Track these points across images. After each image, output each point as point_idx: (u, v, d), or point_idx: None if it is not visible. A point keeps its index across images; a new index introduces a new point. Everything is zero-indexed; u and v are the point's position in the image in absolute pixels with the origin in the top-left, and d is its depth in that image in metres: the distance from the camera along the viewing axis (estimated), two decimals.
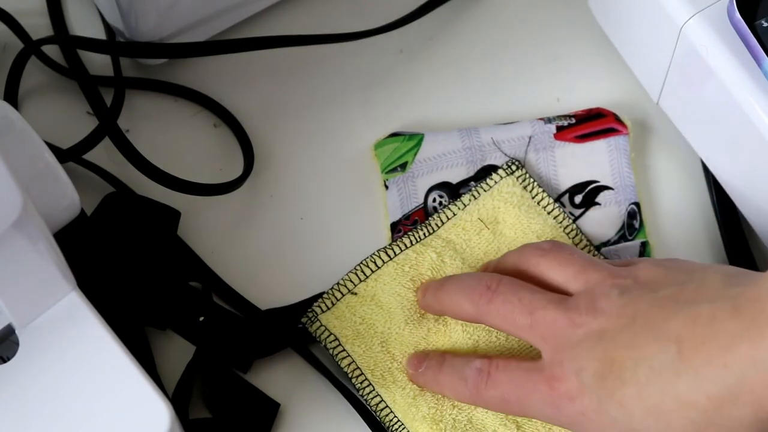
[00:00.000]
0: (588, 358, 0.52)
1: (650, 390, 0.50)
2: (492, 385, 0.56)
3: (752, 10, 0.57)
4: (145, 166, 0.64)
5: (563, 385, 0.53)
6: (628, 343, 0.52)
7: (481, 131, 0.66)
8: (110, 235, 0.62)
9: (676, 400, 0.49)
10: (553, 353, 0.54)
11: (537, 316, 0.55)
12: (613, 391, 0.51)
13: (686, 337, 0.50)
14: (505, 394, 0.55)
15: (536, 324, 0.55)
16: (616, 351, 0.52)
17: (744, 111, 0.58)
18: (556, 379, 0.53)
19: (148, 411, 0.53)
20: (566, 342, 0.53)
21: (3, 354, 0.56)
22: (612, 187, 0.65)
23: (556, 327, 0.54)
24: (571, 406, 0.53)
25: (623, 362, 0.51)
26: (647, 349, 0.51)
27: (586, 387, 0.52)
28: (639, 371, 0.51)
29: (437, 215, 0.64)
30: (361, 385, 0.60)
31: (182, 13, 0.66)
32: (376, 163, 0.66)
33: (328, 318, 0.61)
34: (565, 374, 0.53)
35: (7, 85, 0.66)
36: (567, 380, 0.53)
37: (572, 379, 0.53)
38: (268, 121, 0.68)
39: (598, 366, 0.52)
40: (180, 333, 0.62)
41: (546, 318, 0.54)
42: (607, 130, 0.66)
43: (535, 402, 0.54)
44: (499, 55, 0.70)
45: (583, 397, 0.52)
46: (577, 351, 0.53)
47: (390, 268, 0.62)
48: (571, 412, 0.53)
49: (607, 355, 0.52)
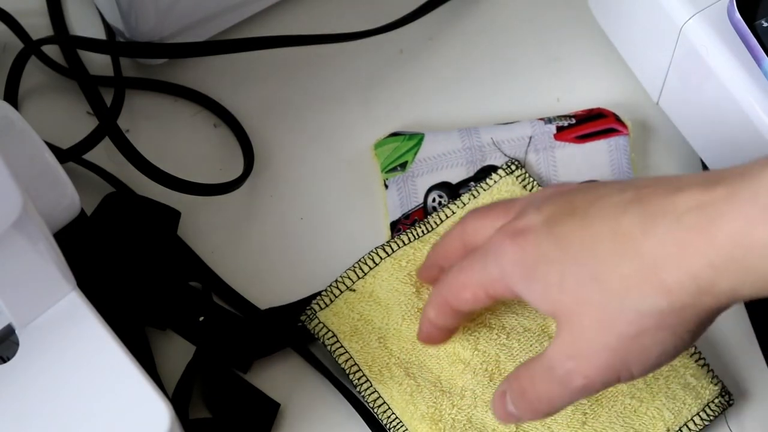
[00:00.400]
0: (550, 201, 0.52)
1: (595, 222, 0.49)
2: (448, 277, 0.55)
3: (752, 10, 0.57)
4: (145, 166, 0.64)
5: (516, 223, 0.52)
6: (591, 192, 0.51)
7: (481, 131, 0.66)
8: (110, 235, 0.62)
9: (613, 233, 0.48)
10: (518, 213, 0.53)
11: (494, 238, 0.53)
12: (558, 222, 0.50)
13: (646, 191, 0.49)
14: (458, 271, 0.55)
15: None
16: (579, 197, 0.51)
17: (744, 111, 0.58)
18: (510, 222, 0.52)
19: (148, 411, 0.53)
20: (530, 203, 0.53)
21: (3, 354, 0.56)
22: None
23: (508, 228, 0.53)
24: (512, 242, 0.51)
25: (580, 203, 0.50)
26: (608, 193, 0.50)
27: (536, 223, 0.51)
28: (592, 208, 0.50)
29: (436, 214, 0.64)
30: (358, 381, 0.60)
31: (182, 13, 0.66)
32: (376, 162, 0.66)
33: (326, 315, 0.61)
34: (522, 213, 0.52)
35: (7, 85, 0.67)
36: (520, 219, 0.52)
37: (527, 216, 0.51)
38: (268, 121, 0.68)
39: (556, 208, 0.51)
40: (180, 333, 0.62)
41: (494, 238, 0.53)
42: (608, 130, 0.66)
43: (482, 255, 0.53)
44: (499, 55, 0.70)
45: (529, 232, 0.51)
46: (542, 201, 0.52)
47: (388, 264, 0.62)
48: (509, 252, 0.51)
49: (569, 199, 0.51)
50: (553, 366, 0.51)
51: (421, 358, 0.60)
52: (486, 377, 0.60)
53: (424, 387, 0.60)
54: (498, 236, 0.52)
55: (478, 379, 0.60)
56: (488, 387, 0.59)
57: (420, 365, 0.60)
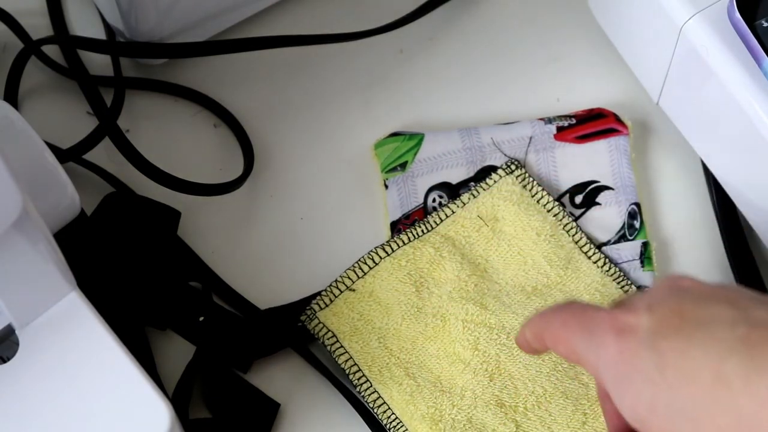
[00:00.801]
0: (663, 301, 0.49)
1: (697, 352, 0.46)
2: (561, 310, 0.52)
3: (752, 10, 0.57)
4: (145, 166, 0.64)
5: (626, 316, 0.49)
6: (705, 305, 0.48)
7: (482, 131, 0.66)
8: (110, 235, 0.62)
9: (713, 373, 0.46)
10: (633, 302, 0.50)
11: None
12: (663, 336, 0.47)
13: (761, 328, 0.46)
14: (568, 317, 0.52)
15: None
16: (691, 305, 0.48)
17: (744, 111, 0.58)
18: (621, 310, 0.49)
19: (148, 411, 0.53)
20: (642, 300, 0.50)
21: (3, 354, 0.56)
22: (612, 188, 0.65)
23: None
24: (615, 339, 0.49)
25: (690, 316, 0.47)
26: (719, 317, 0.47)
27: (643, 325, 0.48)
28: (698, 330, 0.47)
29: (436, 213, 0.64)
30: (358, 381, 0.60)
31: (182, 13, 0.66)
32: (376, 162, 0.66)
33: (326, 315, 0.61)
34: (634, 307, 0.49)
35: (7, 85, 0.67)
36: (631, 313, 0.49)
37: (638, 313, 0.49)
38: (268, 121, 0.68)
39: (667, 312, 0.48)
40: (180, 333, 0.62)
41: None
42: (608, 130, 0.66)
43: (587, 331, 0.50)
44: (499, 55, 0.70)
45: (633, 333, 0.48)
46: (657, 293, 0.49)
47: (387, 263, 0.62)
48: (609, 346, 0.49)
49: (681, 305, 0.48)
50: None
51: (421, 358, 0.60)
52: (486, 377, 0.60)
53: (424, 387, 0.60)
54: (606, 322, 0.50)
55: (478, 379, 0.60)
56: (488, 387, 0.59)
57: (420, 365, 0.60)
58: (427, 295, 0.61)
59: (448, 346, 0.60)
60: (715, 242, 0.65)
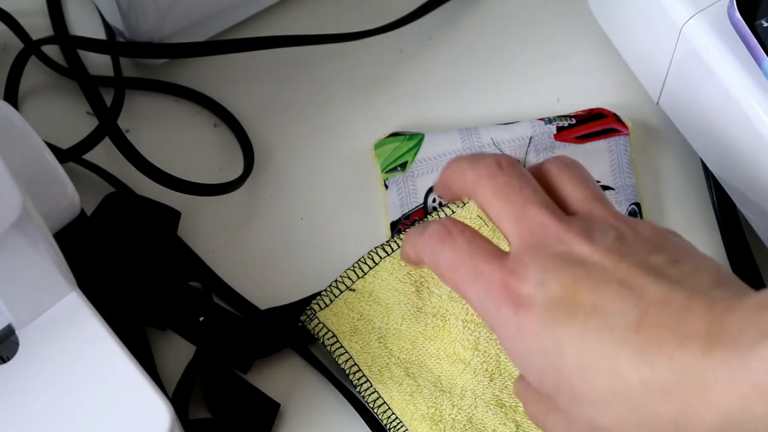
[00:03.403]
0: (555, 276, 0.49)
1: (592, 342, 0.48)
2: (448, 246, 0.52)
3: (752, 10, 0.57)
4: (145, 166, 0.64)
5: (519, 286, 0.49)
6: (597, 286, 0.48)
7: (482, 131, 0.66)
8: (110, 235, 0.62)
9: (609, 366, 0.47)
10: (523, 252, 0.50)
11: (529, 210, 0.51)
12: (558, 321, 0.48)
13: (652, 313, 0.47)
14: (455, 261, 0.51)
15: (523, 218, 0.51)
16: (583, 286, 0.48)
17: (744, 111, 0.58)
18: (514, 276, 0.50)
19: (148, 411, 0.53)
20: (542, 248, 0.50)
21: (3, 354, 0.56)
22: (612, 188, 0.65)
23: (541, 230, 0.50)
24: (513, 313, 0.49)
25: (583, 300, 0.48)
26: (612, 302, 0.48)
27: (537, 303, 0.49)
28: (592, 318, 0.48)
29: (435, 213, 0.64)
30: (358, 381, 0.60)
31: (182, 13, 0.66)
32: (376, 162, 0.66)
33: (326, 315, 0.61)
34: (526, 276, 0.49)
35: (7, 85, 0.66)
36: (524, 283, 0.49)
37: (530, 285, 0.49)
38: (268, 121, 0.68)
39: (560, 290, 0.48)
40: (180, 333, 0.62)
41: (536, 217, 0.51)
42: (608, 130, 0.66)
43: (480, 288, 0.51)
44: (499, 55, 0.70)
45: (529, 311, 0.49)
46: (548, 263, 0.49)
47: (387, 263, 0.62)
48: (507, 319, 0.49)
49: (574, 285, 0.48)
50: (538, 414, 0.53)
51: (421, 358, 0.60)
52: (486, 377, 0.60)
53: (424, 387, 0.60)
54: (497, 287, 0.50)
55: (478, 379, 0.60)
56: (488, 387, 0.59)
57: (420, 365, 0.60)
58: (427, 294, 0.61)
59: (449, 346, 0.60)
60: (715, 242, 0.65)
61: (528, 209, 0.51)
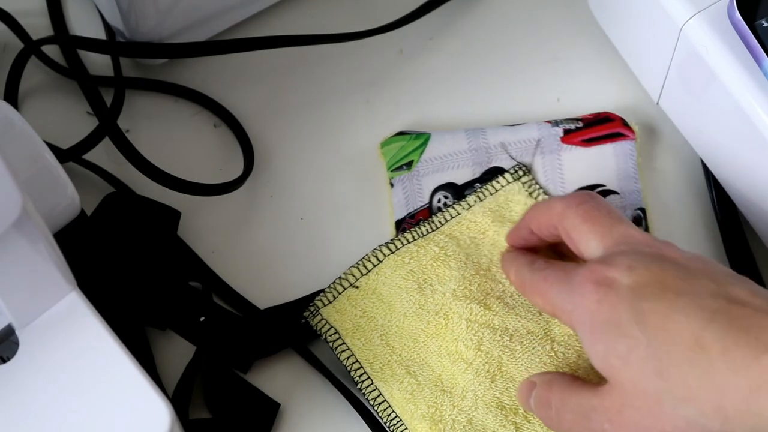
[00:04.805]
0: (644, 264, 0.51)
1: (679, 316, 0.49)
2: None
3: (752, 10, 0.57)
4: (145, 166, 0.64)
5: (606, 270, 0.51)
6: (687, 278, 0.50)
7: (488, 132, 0.66)
8: (110, 235, 0.62)
9: (695, 340, 0.48)
10: (613, 251, 0.53)
11: (616, 228, 0.54)
12: (644, 298, 0.50)
13: (735, 308, 0.49)
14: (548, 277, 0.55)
15: (611, 233, 0.54)
16: (673, 276, 0.50)
17: (744, 111, 0.58)
18: (602, 264, 0.52)
19: (148, 411, 0.53)
20: (633, 249, 0.52)
21: (3, 354, 0.56)
22: (618, 192, 0.65)
23: (631, 239, 0.53)
24: (594, 289, 0.51)
25: (673, 285, 0.50)
26: (701, 289, 0.50)
27: (624, 283, 0.51)
28: (681, 298, 0.49)
29: (441, 213, 0.64)
30: (359, 378, 0.60)
31: (182, 13, 0.66)
32: (381, 161, 0.66)
33: (329, 311, 0.61)
34: (614, 263, 0.52)
35: (7, 85, 0.67)
36: (611, 269, 0.51)
37: (618, 270, 0.51)
38: (268, 121, 0.68)
39: (648, 275, 0.51)
40: (180, 333, 0.62)
41: (626, 231, 0.54)
42: (615, 134, 0.66)
43: (564, 285, 0.54)
44: (499, 55, 0.70)
45: (612, 287, 0.51)
46: (638, 256, 0.52)
47: (391, 261, 0.62)
48: (588, 295, 0.51)
49: (663, 273, 0.51)
50: (591, 417, 0.52)
51: (423, 356, 0.60)
52: (488, 379, 0.60)
53: (425, 386, 0.60)
54: (585, 274, 0.52)
55: (479, 380, 0.60)
56: (489, 389, 0.59)
57: (421, 363, 0.60)
58: (430, 292, 0.61)
59: (450, 345, 0.60)
60: (715, 242, 0.65)
61: (615, 227, 0.54)
